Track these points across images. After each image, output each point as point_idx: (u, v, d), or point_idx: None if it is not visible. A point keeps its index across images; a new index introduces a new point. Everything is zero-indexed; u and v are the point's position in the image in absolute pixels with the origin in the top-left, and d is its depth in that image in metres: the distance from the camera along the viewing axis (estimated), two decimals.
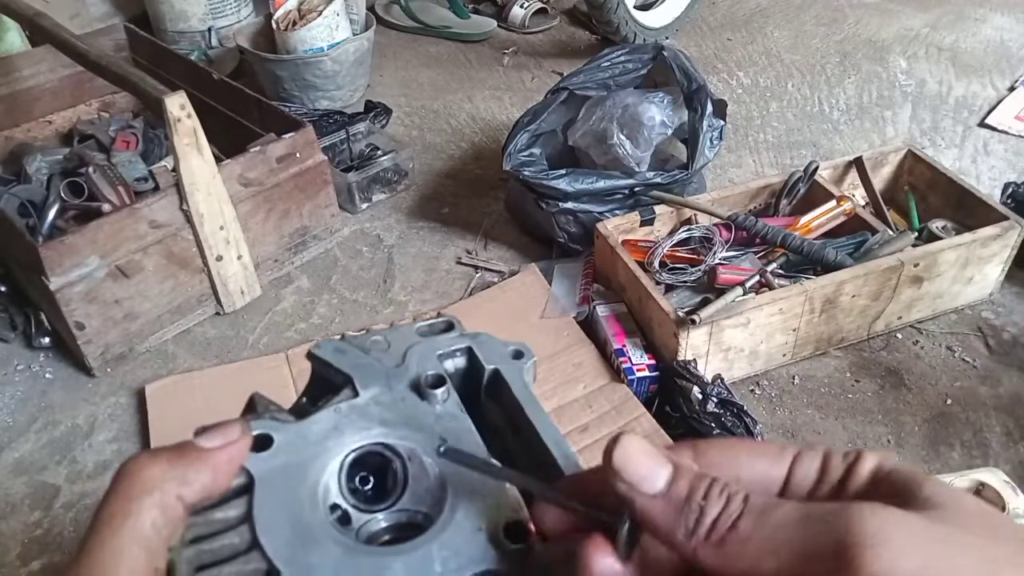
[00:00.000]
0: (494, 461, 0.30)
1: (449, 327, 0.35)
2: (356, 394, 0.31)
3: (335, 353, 0.33)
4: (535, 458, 0.31)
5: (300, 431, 0.29)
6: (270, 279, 1.48)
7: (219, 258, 1.36)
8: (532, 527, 0.28)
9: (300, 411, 0.31)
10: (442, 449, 0.29)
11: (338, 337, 0.34)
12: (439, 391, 0.31)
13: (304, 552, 0.26)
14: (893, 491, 0.25)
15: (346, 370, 0.32)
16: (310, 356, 0.33)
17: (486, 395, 0.34)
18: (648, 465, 0.26)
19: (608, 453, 0.26)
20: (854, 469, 0.27)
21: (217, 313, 1.42)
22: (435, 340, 0.34)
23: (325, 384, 0.32)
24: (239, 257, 1.39)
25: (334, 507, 0.28)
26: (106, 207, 1.40)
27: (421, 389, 0.32)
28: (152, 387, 1.27)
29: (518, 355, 0.34)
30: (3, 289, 1.39)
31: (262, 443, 0.29)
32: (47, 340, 1.35)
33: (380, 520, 0.29)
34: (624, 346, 1.23)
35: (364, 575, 0.25)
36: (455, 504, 0.28)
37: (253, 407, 0.31)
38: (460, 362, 0.34)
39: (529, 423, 0.32)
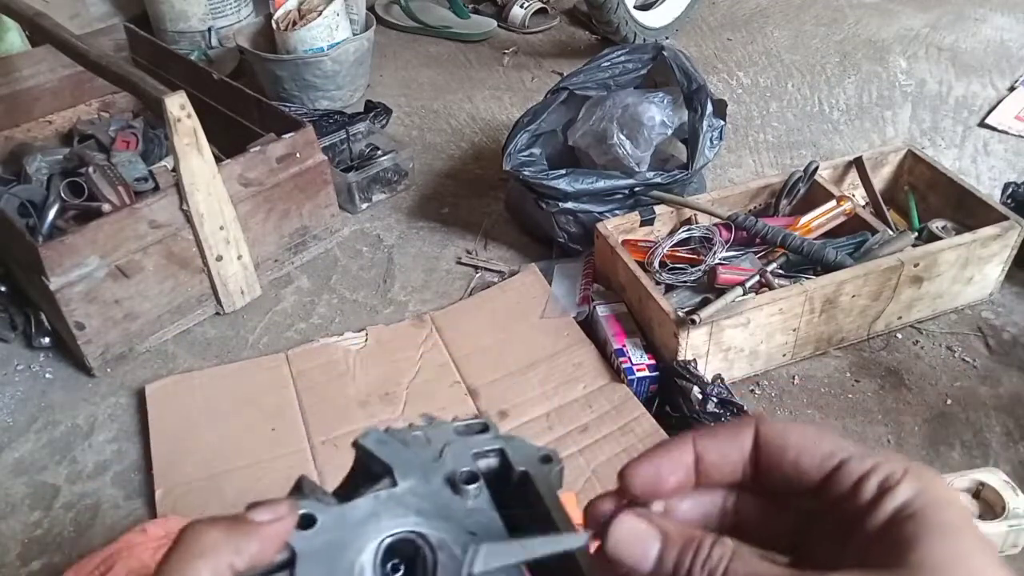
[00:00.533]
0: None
1: (485, 428, 0.38)
2: (395, 483, 0.33)
3: (378, 444, 0.35)
4: (557, 559, 0.33)
5: (341, 513, 0.32)
6: (270, 279, 1.48)
7: (219, 258, 1.36)
8: None
9: (343, 495, 0.34)
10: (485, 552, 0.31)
11: (383, 429, 0.36)
12: (472, 487, 0.34)
13: None
14: (897, 542, 0.26)
15: (387, 460, 0.34)
16: (355, 445, 0.36)
17: (514, 495, 0.36)
18: (637, 549, 0.28)
19: (602, 541, 0.28)
20: (883, 500, 0.27)
21: (217, 313, 1.42)
22: (471, 439, 0.37)
23: (366, 472, 0.35)
24: (239, 257, 1.39)
25: None
26: (106, 207, 1.40)
27: (455, 484, 0.34)
28: (152, 387, 1.27)
29: (546, 459, 0.36)
30: (3, 289, 1.39)
31: (306, 522, 0.31)
32: (47, 340, 1.35)
33: None
34: (624, 346, 1.23)
35: None
36: None
37: (300, 488, 0.34)
38: (492, 462, 0.37)
39: (552, 523, 0.34)
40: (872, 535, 0.27)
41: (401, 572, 0.32)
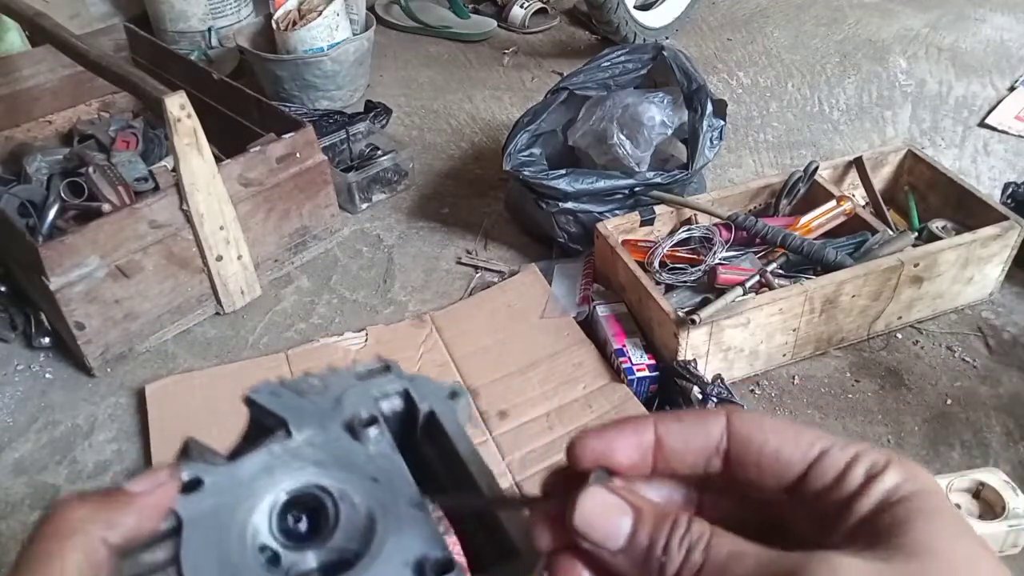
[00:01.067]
0: (480, 496, 0.31)
1: (386, 369, 0.35)
2: (289, 436, 0.31)
3: (270, 397, 0.33)
4: (476, 512, 0.32)
5: (231, 472, 0.30)
6: (270, 279, 1.48)
7: (219, 258, 1.36)
8: (459, 560, 0.29)
9: (235, 454, 0.32)
10: (441, 500, 0.30)
11: (275, 381, 0.34)
12: (372, 431, 0.32)
13: None
14: (885, 526, 0.25)
15: (280, 413, 0.32)
16: (246, 401, 0.33)
17: (422, 435, 0.34)
18: (607, 523, 0.26)
19: (569, 513, 0.26)
20: (869, 487, 0.26)
21: (217, 313, 1.42)
22: (371, 382, 0.34)
23: (260, 428, 0.33)
24: (239, 257, 1.39)
25: (263, 548, 0.29)
26: (106, 207, 1.40)
27: (354, 429, 0.32)
28: (152, 387, 1.27)
29: (453, 395, 0.35)
30: (3, 289, 1.39)
31: (191, 485, 0.29)
32: (47, 340, 1.35)
33: (310, 559, 0.29)
34: (624, 346, 1.23)
35: None
36: (383, 541, 0.28)
37: (187, 452, 0.32)
38: (396, 404, 0.34)
39: (461, 462, 0.32)
40: (860, 521, 0.26)
41: (301, 526, 0.30)
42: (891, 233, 1.32)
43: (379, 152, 1.69)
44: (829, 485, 0.27)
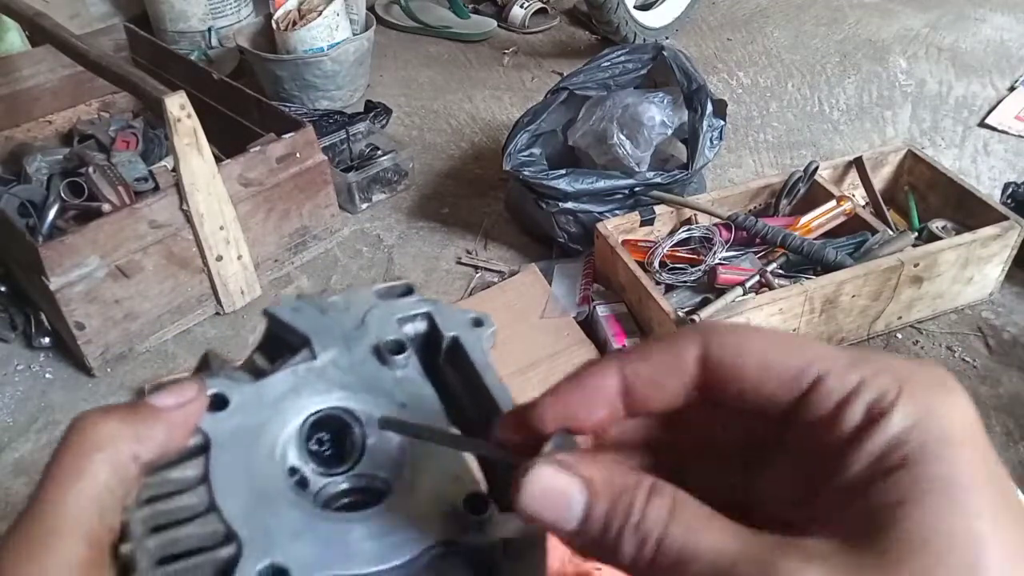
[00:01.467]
0: (437, 427, 0.29)
1: (409, 291, 0.34)
2: (314, 356, 0.30)
3: (292, 313, 0.32)
4: (490, 423, 0.30)
5: (257, 391, 0.29)
6: (270, 279, 1.48)
7: (219, 258, 1.36)
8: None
9: (255, 370, 0.31)
10: (381, 421, 0.28)
11: (294, 296, 0.33)
12: (400, 357, 0.31)
13: (263, 515, 0.25)
14: (881, 504, 0.20)
15: (303, 331, 0.31)
16: (266, 314, 0.32)
17: (444, 361, 0.33)
18: (557, 505, 0.22)
19: (514, 494, 0.23)
20: (867, 434, 0.21)
21: (217, 313, 1.42)
22: (394, 303, 0.33)
23: (280, 343, 0.32)
24: (239, 257, 1.39)
25: (292, 470, 0.28)
26: (106, 207, 1.40)
27: (382, 353, 0.31)
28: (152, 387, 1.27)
29: (478, 323, 0.33)
30: (3, 289, 1.39)
31: (218, 403, 0.28)
32: (47, 340, 1.35)
33: (339, 483, 0.28)
34: (624, 346, 1.23)
35: (323, 539, 0.25)
36: (415, 471, 0.28)
37: (207, 365, 0.31)
38: (420, 327, 0.33)
39: (485, 389, 0.31)
40: (848, 490, 0.21)
41: (328, 449, 0.29)
42: (891, 233, 1.32)
43: (379, 152, 1.69)
44: (822, 422, 0.22)
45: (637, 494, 0.22)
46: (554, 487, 0.22)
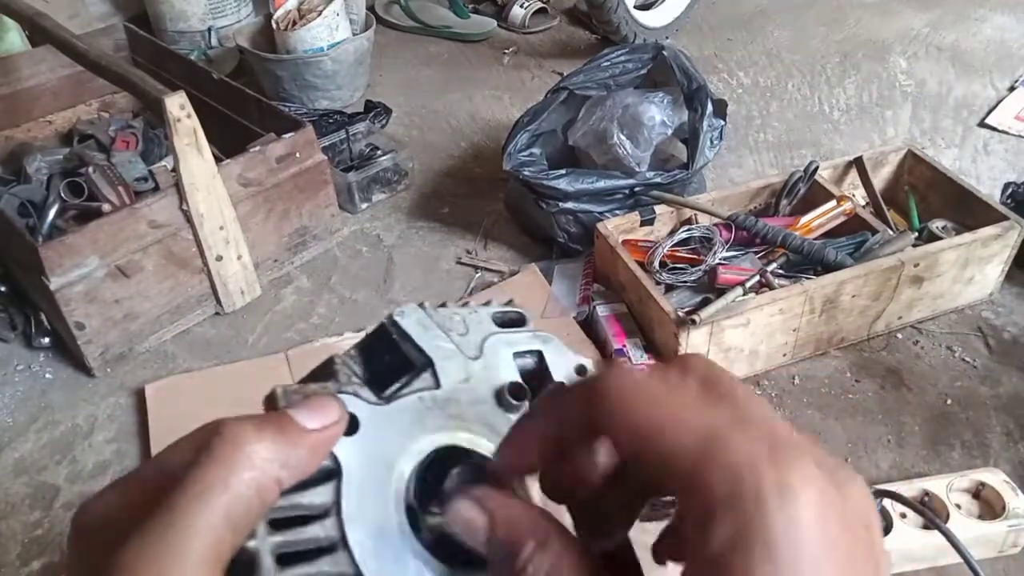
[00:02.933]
0: None
1: (521, 319, 0.34)
2: (438, 384, 0.30)
3: (418, 327, 0.31)
4: None
5: (384, 416, 0.28)
6: (270, 279, 1.48)
7: (219, 258, 1.36)
8: None
9: (377, 383, 0.30)
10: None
11: (420, 308, 0.32)
12: (519, 403, 0.31)
13: (389, 562, 0.25)
14: None
15: (428, 352, 0.30)
16: (390, 321, 0.31)
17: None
18: (471, 532, 0.25)
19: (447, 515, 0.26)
20: (700, 541, 0.21)
21: (217, 313, 1.42)
22: (511, 337, 0.33)
23: (393, 352, 0.31)
24: (239, 257, 1.39)
25: (409, 508, 0.27)
26: (106, 207, 1.40)
27: (502, 397, 0.31)
28: (152, 387, 1.27)
29: (581, 370, 0.34)
30: (3, 289, 1.39)
31: (352, 427, 0.27)
32: (47, 340, 1.35)
33: (445, 523, 0.28)
34: (624, 346, 1.23)
35: None
36: None
37: (332, 372, 0.29)
38: (529, 363, 0.33)
39: None
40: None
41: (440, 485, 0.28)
42: (891, 233, 1.32)
43: (379, 152, 1.69)
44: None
45: (526, 543, 0.24)
46: (467, 517, 0.25)
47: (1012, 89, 1.96)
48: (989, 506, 1.01)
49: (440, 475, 0.28)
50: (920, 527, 0.98)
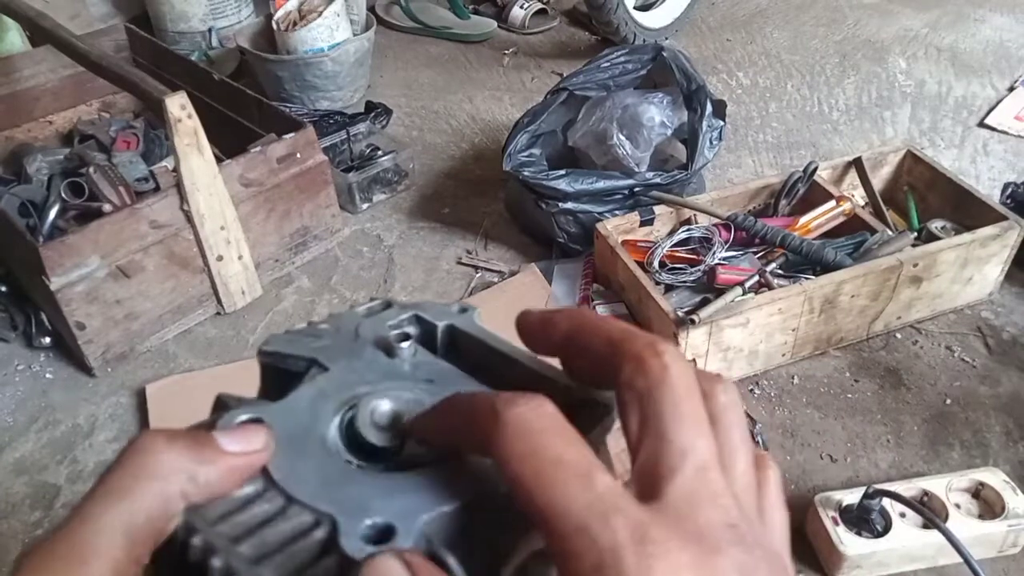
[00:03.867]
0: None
1: (388, 305, 0.35)
2: (326, 368, 0.30)
3: (288, 344, 0.32)
4: (517, 383, 0.31)
5: (285, 408, 0.28)
6: (271, 279, 1.48)
7: (220, 258, 1.36)
8: None
9: (272, 398, 0.30)
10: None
11: (282, 333, 0.33)
12: (406, 345, 0.31)
13: (341, 492, 0.25)
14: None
15: (307, 354, 0.31)
16: (262, 354, 0.32)
17: (444, 352, 0.33)
18: None
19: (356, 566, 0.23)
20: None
21: (218, 313, 1.42)
22: (381, 315, 0.34)
23: (285, 376, 0.31)
24: (240, 257, 1.39)
25: (348, 462, 0.28)
26: (107, 207, 1.41)
27: (389, 347, 0.31)
28: (153, 387, 1.27)
29: (463, 310, 0.34)
30: (3, 289, 1.39)
31: (257, 419, 0.28)
32: (47, 340, 1.35)
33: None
34: None
35: (408, 491, 0.25)
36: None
37: (224, 406, 0.30)
38: (411, 330, 0.34)
39: (498, 352, 0.32)
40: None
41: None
42: (890, 233, 1.33)
43: (379, 152, 1.69)
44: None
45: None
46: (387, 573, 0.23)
47: (1011, 89, 1.96)
48: (988, 506, 1.01)
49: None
50: (919, 527, 0.98)
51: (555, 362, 0.30)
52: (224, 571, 0.23)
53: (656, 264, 1.31)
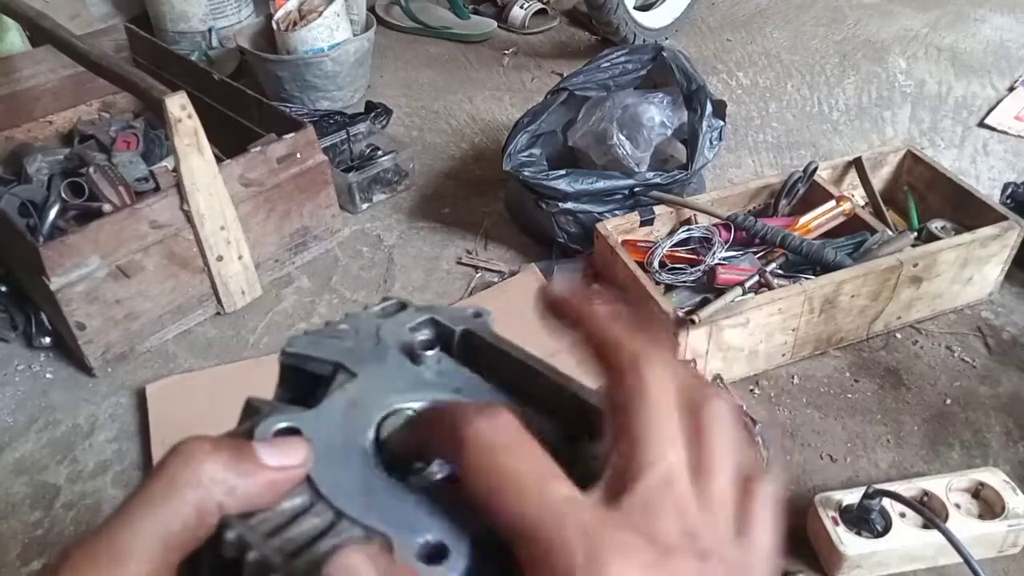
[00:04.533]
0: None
1: (403, 307, 0.35)
2: (353, 374, 0.30)
3: (312, 346, 0.32)
4: (533, 391, 0.31)
5: (320, 416, 0.28)
6: (271, 279, 1.48)
7: (220, 258, 1.36)
8: None
9: (300, 403, 0.30)
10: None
11: (303, 334, 0.33)
12: (431, 353, 0.32)
13: (388, 508, 0.25)
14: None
15: (331, 358, 0.31)
16: (285, 355, 0.32)
17: (460, 356, 0.34)
18: None
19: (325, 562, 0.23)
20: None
21: (218, 313, 1.42)
22: (397, 317, 0.34)
23: (309, 379, 0.31)
24: (240, 257, 1.39)
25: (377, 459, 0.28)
26: (107, 207, 1.41)
27: (414, 355, 0.31)
28: (153, 387, 1.27)
29: (478, 315, 0.34)
30: (4, 289, 1.39)
31: (295, 431, 0.28)
32: (47, 340, 1.35)
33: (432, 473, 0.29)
34: None
35: (450, 510, 0.25)
36: None
37: (255, 411, 0.30)
38: (428, 332, 0.34)
39: (517, 360, 0.32)
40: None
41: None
42: (890, 233, 1.33)
43: (379, 152, 1.69)
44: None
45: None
46: (352, 566, 0.22)
47: (1011, 89, 1.96)
48: (988, 506, 1.01)
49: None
50: (919, 527, 0.98)
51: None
52: None
53: (656, 264, 1.31)
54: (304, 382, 0.31)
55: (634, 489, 0.23)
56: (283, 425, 0.27)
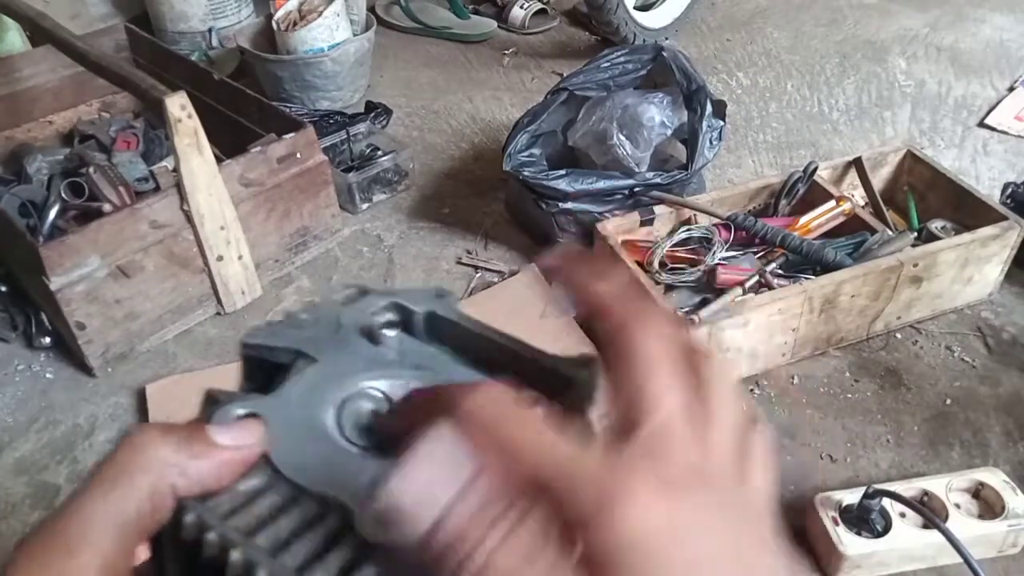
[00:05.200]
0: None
1: (365, 292, 0.35)
2: (314, 359, 0.30)
3: (272, 336, 0.32)
4: (505, 365, 0.31)
5: (280, 400, 0.28)
6: (271, 279, 1.48)
7: (220, 258, 1.36)
8: None
9: (260, 391, 0.30)
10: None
11: (263, 324, 0.33)
12: (391, 332, 0.32)
13: (350, 476, 0.25)
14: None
15: (293, 346, 0.31)
16: (245, 346, 0.32)
17: (425, 338, 0.34)
18: (416, 511, 0.22)
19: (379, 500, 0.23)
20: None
21: (218, 313, 1.42)
22: (360, 303, 0.34)
23: (271, 369, 0.31)
24: (240, 257, 1.39)
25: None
26: (107, 207, 1.41)
27: (374, 335, 0.31)
28: (153, 387, 1.27)
29: (441, 295, 0.34)
30: (3, 289, 1.39)
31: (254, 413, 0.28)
32: (48, 340, 1.35)
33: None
34: None
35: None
36: None
37: (215, 400, 0.30)
38: (391, 316, 0.34)
39: (480, 336, 0.33)
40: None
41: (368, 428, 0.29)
42: (890, 233, 1.33)
43: (379, 152, 1.69)
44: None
45: (471, 558, 0.21)
46: (421, 494, 0.22)
47: (1011, 89, 1.96)
48: (988, 506, 1.01)
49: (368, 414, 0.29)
50: (919, 527, 0.98)
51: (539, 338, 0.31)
52: (244, 564, 0.23)
53: (656, 264, 1.31)
54: (266, 373, 0.31)
55: (636, 436, 0.23)
56: (241, 411, 0.27)
